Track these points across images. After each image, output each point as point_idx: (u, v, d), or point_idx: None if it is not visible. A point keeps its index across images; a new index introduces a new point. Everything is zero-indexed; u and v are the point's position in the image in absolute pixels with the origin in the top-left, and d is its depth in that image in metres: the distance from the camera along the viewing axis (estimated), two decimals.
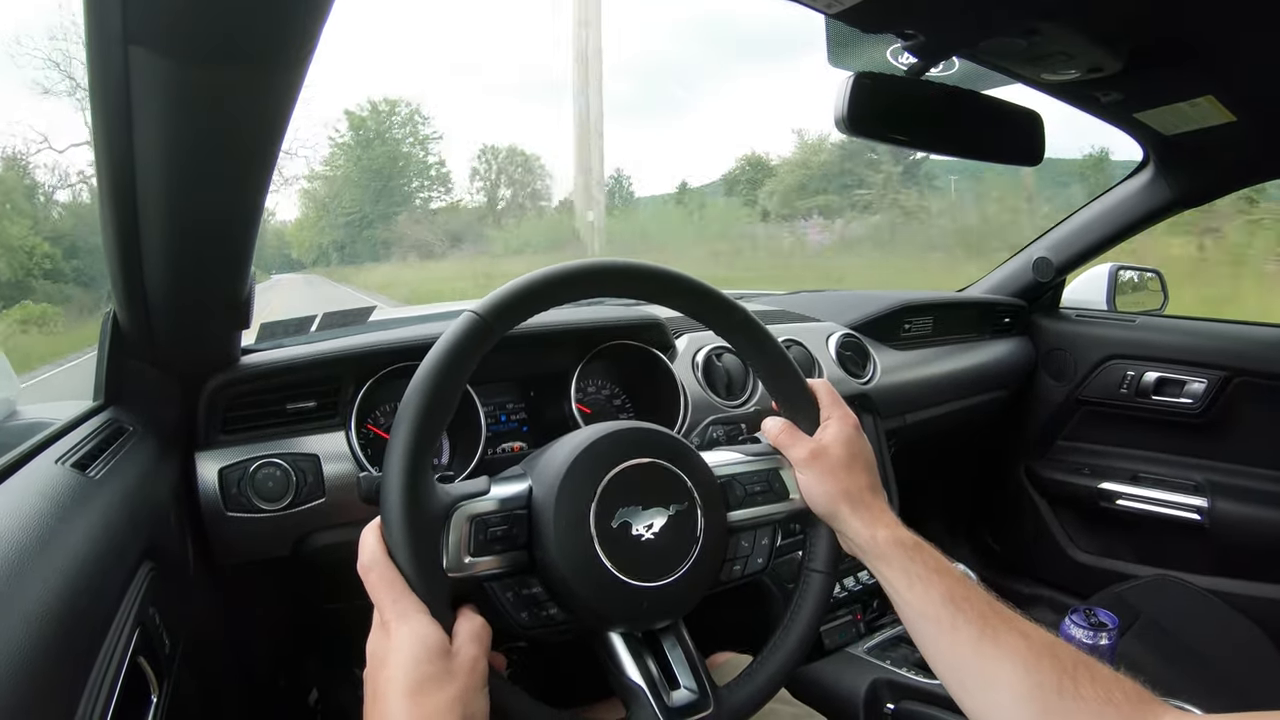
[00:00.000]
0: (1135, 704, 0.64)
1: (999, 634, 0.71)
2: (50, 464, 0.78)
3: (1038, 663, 0.68)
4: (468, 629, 0.67)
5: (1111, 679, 0.66)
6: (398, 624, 0.64)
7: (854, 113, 1.07)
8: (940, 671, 0.76)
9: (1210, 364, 1.99)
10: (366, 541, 0.69)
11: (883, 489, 0.86)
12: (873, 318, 1.95)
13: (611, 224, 23.87)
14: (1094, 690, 0.64)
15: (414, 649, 0.62)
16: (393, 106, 40.75)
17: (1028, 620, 0.73)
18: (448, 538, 0.70)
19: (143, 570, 0.82)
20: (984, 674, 0.70)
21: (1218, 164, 1.76)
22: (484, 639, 0.67)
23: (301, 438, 1.13)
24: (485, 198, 40.88)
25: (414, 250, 35.05)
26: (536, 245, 23.90)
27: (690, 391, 1.41)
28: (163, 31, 0.52)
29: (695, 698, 0.76)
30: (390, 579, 0.66)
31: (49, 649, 0.56)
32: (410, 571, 0.66)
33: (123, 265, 0.82)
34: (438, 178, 41.84)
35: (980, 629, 0.72)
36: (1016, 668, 0.68)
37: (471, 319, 0.73)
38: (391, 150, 40.65)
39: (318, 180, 42.79)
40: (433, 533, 0.70)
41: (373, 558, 0.67)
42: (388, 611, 0.65)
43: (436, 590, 0.67)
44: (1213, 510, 1.95)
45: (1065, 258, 2.18)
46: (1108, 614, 1.36)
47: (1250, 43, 1.16)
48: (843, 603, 1.62)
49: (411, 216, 38.90)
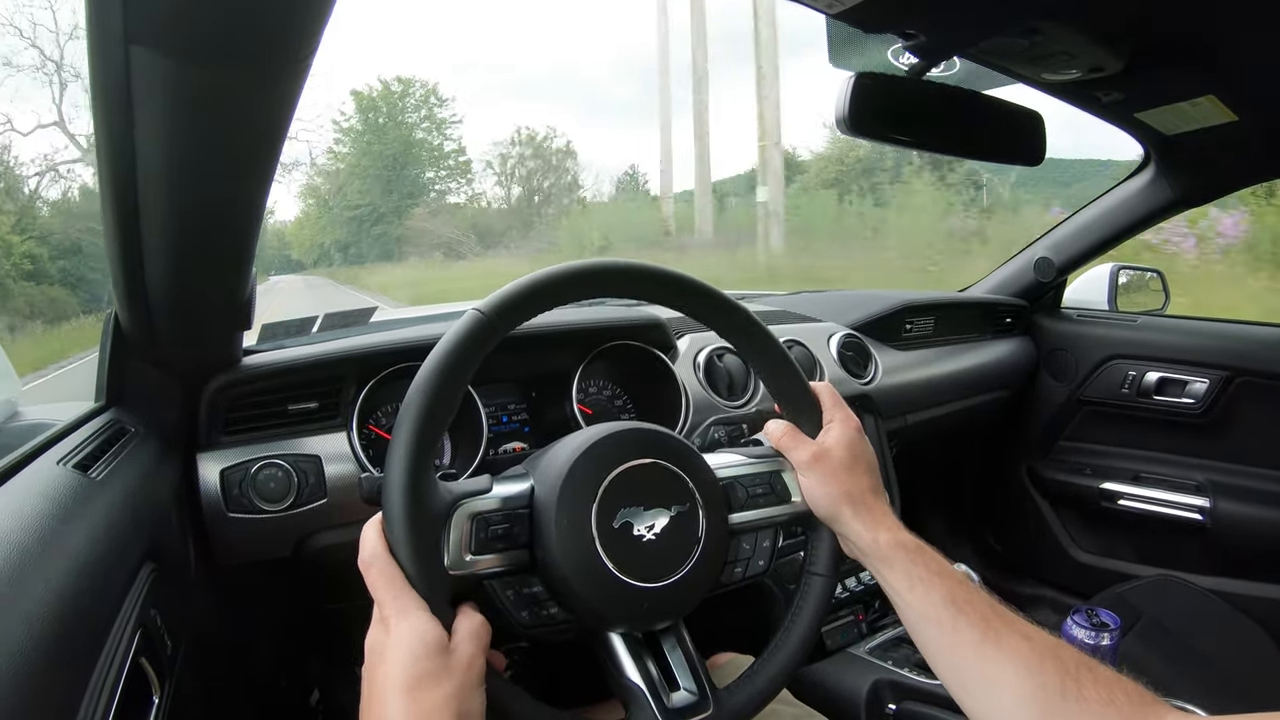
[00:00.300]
0: (1138, 706, 0.63)
1: (1001, 636, 0.71)
2: (52, 465, 0.78)
3: (1040, 665, 0.68)
4: (467, 627, 0.67)
5: (1114, 681, 0.66)
6: (397, 620, 0.64)
7: (855, 113, 1.07)
8: (942, 673, 0.76)
9: (1212, 364, 1.99)
10: (367, 537, 0.69)
11: (884, 491, 0.86)
12: (874, 318, 1.95)
13: (681, 211, 20.36)
14: (1096, 692, 0.64)
15: (412, 645, 0.62)
16: (406, 86, 35.83)
17: (1030, 623, 0.73)
18: (449, 535, 0.70)
19: (144, 571, 0.82)
20: (986, 676, 0.70)
21: (1219, 164, 1.76)
22: (483, 637, 0.67)
23: (303, 438, 1.13)
24: (520, 187, 35.38)
25: (438, 248, 30.71)
26: (623, 237, 19.77)
27: (692, 392, 1.41)
28: (164, 31, 0.52)
29: (695, 699, 0.76)
30: (390, 575, 0.66)
31: (50, 650, 0.56)
32: (411, 568, 0.66)
33: (124, 265, 0.82)
34: (457, 168, 36.71)
35: (982, 631, 0.72)
36: (1019, 670, 0.68)
37: (476, 317, 0.73)
38: (405, 135, 35.88)
39: (320, 176, 38.86)
40: (434, 530, 0.70)
41: (373, 553, 0.67)
42: (387, 607, 0.65)
43: (437, 587, 0.67)
44: (1215, 510, 1.94)
45: (1066, 258, 2.18)
46: (1110, 614, 1.36)
47: (1251, 42, 1.16)
48: (844, 603, 1.62)
49: (429, 209, 34.75)
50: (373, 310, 1.44)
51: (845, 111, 1.07)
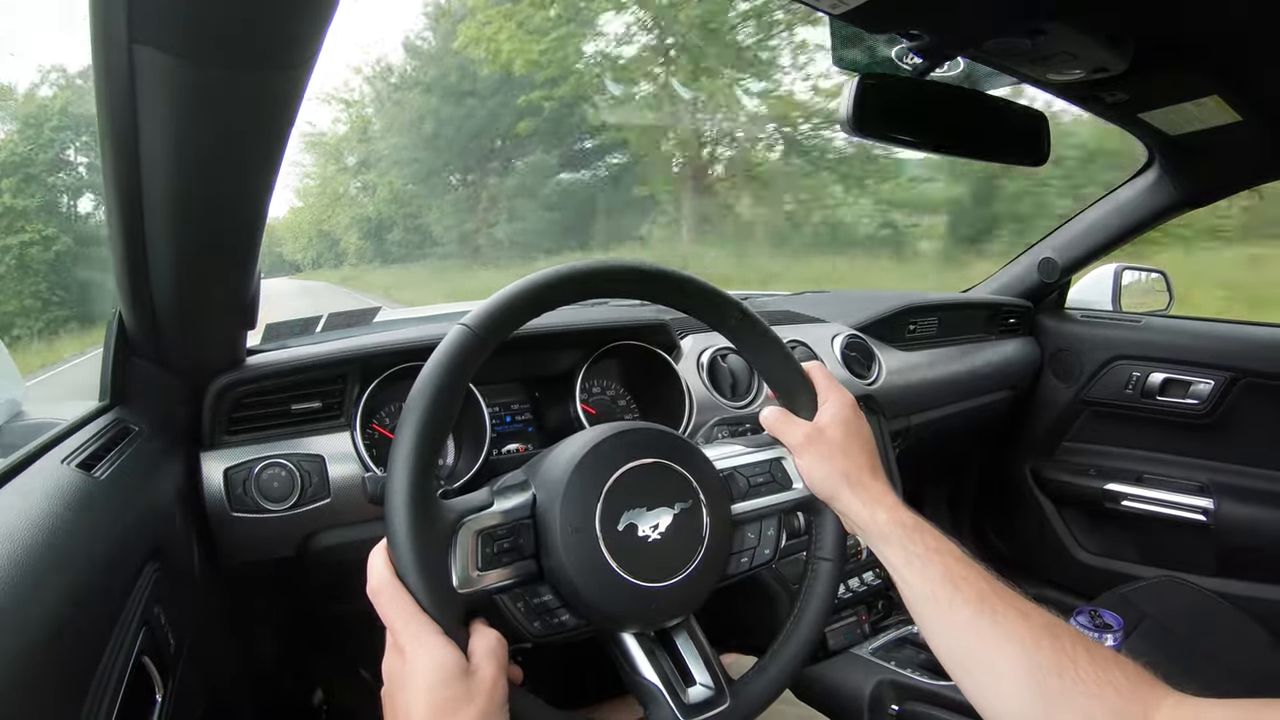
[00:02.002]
0: (1135, 685, 0.63)
1: (998, 614, 0.71)
2: (56, 464, 0.79)
3: (1036, 643, 0.68)
4: (484, 645, 0.66)
5: (1111, 660, 0.66)
6: (413, 647, 0.63)
7: (859, 114, 1.08)
8: (940, 652, 0.76)
9: (1216, 365, 1.99)
10: (374, 564, 0.67)
11: (882, 469, 0.86)
12: (877, 318, 1.94)
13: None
14: (1093, 671, 0.64)
15: (432, 673, 0.62)
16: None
17: (1027, 600, 0.73)
18: (455, 554, 0.70)
19: (148, 570, 0.82)
20: (983, 654, 0.70)
21: (1223, 164, 1.76)
22: (500, 654, 0.67)
23: (307, 438, 1.13)
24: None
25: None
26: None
27: (695, 392, 1.41)
28: (168, 32, 0.52)
29: (711, 693, 0.77)
30: (401, 601, 0.65)
31: (55, 648, 0.56)
32: (420, 592, 0.65)
33: (128, 265, 0.82)
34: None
35: (979, 609, 0.72)
36: (1015, 648, 0.68)
37: (462, 333, 0.72)
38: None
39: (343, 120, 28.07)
40: (440, 551, 0.69)
41: (381, 581, 0.66)
42: (401, 634, 0.64)
43: (448, 609, 0.66)
44: (1218, 511, 1.94)
45: (1070, 258, 2.18)
46: (1113, 615, 1.35)
47: (1256, 43, 1.16)
48: (847, 604, 1.61)
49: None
50: (376, 310, 1.44)
51: (850, 112, 1.07)
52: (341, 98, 28.87)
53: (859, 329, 1.87)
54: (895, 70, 1.16)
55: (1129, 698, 0.63)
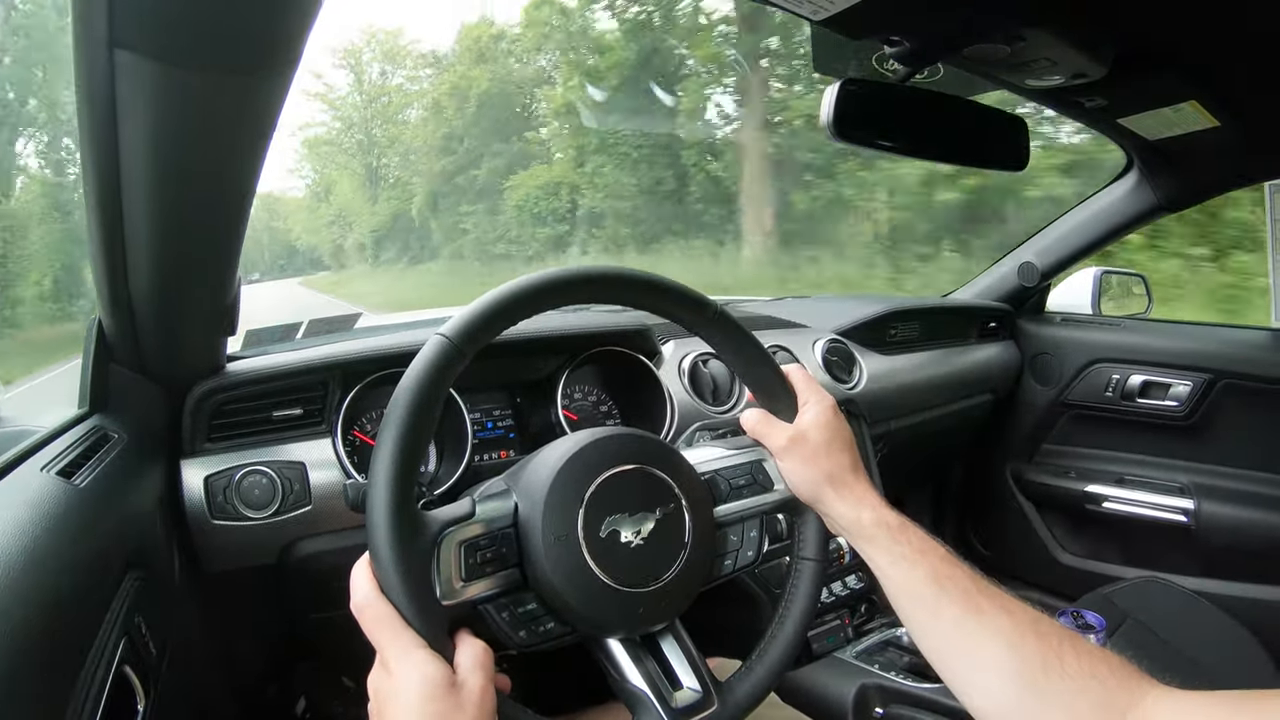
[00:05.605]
0: (1121, 678, 0.64)
1: (983, 612, 0.71)
2: (35, 472, 0.78)
3: (1021, 640, 0.68)
4: (470, 656, 0.65)
5: (1097, 655, 0.66)
6: (399, 663, 0.63)
7: (841, 119, 1.08)
8: (926, 650, 0.76)
9: (1195, 367, 2.01)
10: (357, 580, 0.67)
11: (864, 469, 0.86)
12: (859, 323, 1.95)
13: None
14: (1079, 666, 0.65)
15: (420, 688, 0.61)
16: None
17: (1012, 597, 0.74)
18: (438, 566, 0.69)
19: (128, 578, 0.81)
20: (969, 652, 0.71)
21: (1201, 168, 1.77)
22: (487, 665, 0.66)
23: (287, 445, 1.13)
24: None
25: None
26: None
27: (676, 397, 1.41)
28: (149, 36, 0.52)
29: (699, 697, 0.77)
30: (385, 616, 0.64)
31: (34, 657, 0.55)
32: (404, 607, 0.65)
33: (108, 270, 0.81)
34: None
35: (964, 607, 0.72)
36: (1000, 645, 0.69)
37: (440, 343, 0.71)
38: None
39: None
40: (423, 564, 0.68)
41: (365, 597, 0.65)
42: (387, 650, 0.64)
43: (433, 623, 0.66)
44: (1198, 512, 1.96)
45: (1050, 262, 2.20)
46: (1095, 616, 1.37)
47: (1233, 48, 1.17)
48: (830, 607, 1.62)
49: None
50: (357, 316, 1.44)
51: (832, 118, 1.07)
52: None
53: (840, 334, 1.88)
54: (877, 76, 1.17)
55: (1115, 691, 0.63)
